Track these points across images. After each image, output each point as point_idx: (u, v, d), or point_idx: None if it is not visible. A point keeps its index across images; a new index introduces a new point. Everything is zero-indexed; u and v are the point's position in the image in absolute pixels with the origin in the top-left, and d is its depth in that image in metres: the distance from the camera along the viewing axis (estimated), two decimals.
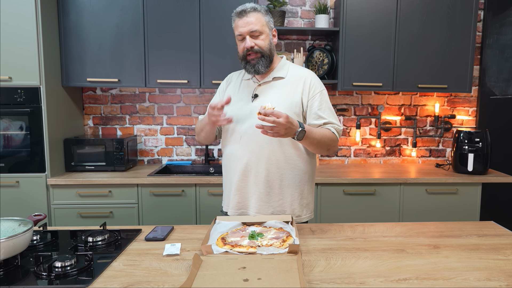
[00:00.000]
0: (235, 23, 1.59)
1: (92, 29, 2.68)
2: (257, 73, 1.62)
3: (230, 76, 1.79)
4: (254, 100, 1.62)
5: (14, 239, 1.16)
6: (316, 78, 1.67)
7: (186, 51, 2.73)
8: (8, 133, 2.53)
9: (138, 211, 2.61)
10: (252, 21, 1.55)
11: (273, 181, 1.61)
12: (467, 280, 1.13)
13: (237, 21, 1.57)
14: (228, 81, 1.77)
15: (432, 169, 2.99)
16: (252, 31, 1.56)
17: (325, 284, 1.10)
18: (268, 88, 1.64)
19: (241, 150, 1.61)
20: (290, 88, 1.62)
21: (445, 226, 1.60)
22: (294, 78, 1.65)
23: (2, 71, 2.46)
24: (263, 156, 1.59)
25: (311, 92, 1.62)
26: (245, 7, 1.57)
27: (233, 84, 1.74)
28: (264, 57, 1.58)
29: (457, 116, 3.25)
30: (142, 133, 3.15)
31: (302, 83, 1.63)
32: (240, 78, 1.73)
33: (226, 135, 1.69)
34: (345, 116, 3.21)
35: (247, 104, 1.63)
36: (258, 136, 1.52)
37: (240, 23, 1.56)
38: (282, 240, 1.36)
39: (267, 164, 1.60)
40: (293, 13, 3.09)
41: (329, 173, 2.79)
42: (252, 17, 1.55)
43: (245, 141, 1.60)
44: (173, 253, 1.30)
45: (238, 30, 1.57)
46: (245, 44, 1.57)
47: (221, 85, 1.79)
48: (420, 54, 2.82)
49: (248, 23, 1.55)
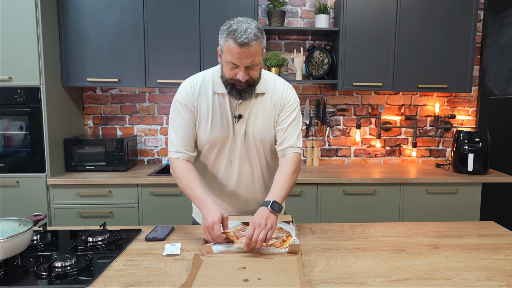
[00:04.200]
0: (230, 48, 1.32)
1: (92, 29, 2.68)
2: (241, 99, 1.45)
3: (194, 85, 1.50)
4: (239, 122, 1.49)
5: (14, 239, 1.16)
6: (291, 93, 1.55)
7: (186, 51, 2.73)
8: (8, 133, 2.53)
9: (138, 211, 2.61)
10: (252, 53, 1.33)
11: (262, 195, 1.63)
12: (467, 280, 1.13)
13: (234, 48, 1.31)
14: (193, 93, 1.49)
15: (432, 169, 2.99)
16: (252, 65, 1.36)
17: (325, 284, 1.10)
18: (250, 107, 1.49)
19: (233, 175, 1.55)
20: (271, 107, 1.51)
21: (445, 226, 1.60)
22: (273, 94, 1.52)
23: (2, 71, 2.46)
24: (256, 177, 1.58)
25: (285, 110, 1.52)
26: (248, 37, 1.30)
27: (203, 97, 1.49)
28: (253, 86, 1.43)
29: (457, 116, 3.25)
30: (142, 133, 3.15)
31: (280, 100, 1.52)
32: (210, 90, 1.48)
33: (208, 156, 1.55)
34: (345, 116, 3.21)
35: (231, 125, 1.49)
36: (247, 158, 1.53)
37: (238, 53, 1.31)
38: (282, 240, 1.36)
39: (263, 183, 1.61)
40: (293, 13, 3.09)
41: (329, 173, 2.79)
42: (253, 48, 1.33)
43: (237, 165, 1.54)
44: (173, 253, 1.30)
45: (234, 60, 1.33)
46: (238, 75, 1.36)
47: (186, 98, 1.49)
48: (420, 54, 2.82)
49: (248, 56, 1.33)
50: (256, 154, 1.54)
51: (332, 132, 3.22)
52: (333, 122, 3.21)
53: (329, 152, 3.23)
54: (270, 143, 1.54)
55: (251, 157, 1.54)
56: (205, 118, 1.48)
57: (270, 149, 1.56)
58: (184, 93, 1.50)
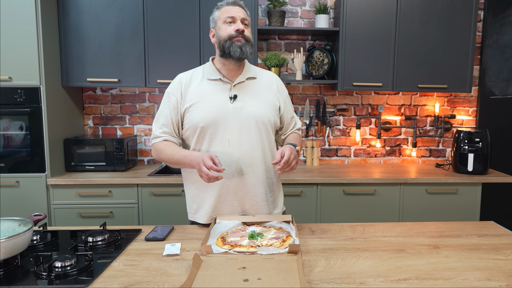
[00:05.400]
0: (225, 9, 1.55)
1: (92, 29, 2.68)
2: (242, 56, 1.53)
3: (184, 77, 1.61)
4: (234, 101, 1.56)
5: (14, 239, 1.16)
6: (280, 80, 1.72)
7: (186, 51, 2.73)
8: (8, 133, 2.53)
9: (138, 211, 2.61)
10: (243, 10, 1.57)
11: (272, 177, 1.65)
12: (467, 280, 1.13)
13: (228, 7, 1.55)
14: (185, 83, 1.59)
15: (432, 169, 2.99)
16: (244, 19, 1.55)
17: (325, 284, 1.10)
18: (245, 89, 1.59)
19: (233, 153, 1.54)
20: (266, 90, 1.63)
21: (445, 226, 1.60)
22: (263, 79, 1.65)
23: (2, 71, 2.46)
24: (257, 154, 1.58)
25: (282, 97, 1.68)
26: (236, 1, 1.58)
27: (195, 85, 1.58)
28: (249, 44, 1.55)
29: (457, 116, 3.25)
30: (142, 133, 3.15)
31: (273, 85, 1.66)
32: (202, 78, 1.60)
33: (201, 142, 1.56)
34: (345, 116, 3.21)
35: (226, 105, 1.55)
36: (246, 136, 1.55)
37: (232, 9, 1.54)
38: (282, 240, 1.36)
39: (264, 160, 1.61)
40: (293, 13, 3.09)
41: (329, 173, 2.79)
42: (242, 7, 1.58)
43: (235, 144, 1.55)
44: (173, 253, 1.30)
45: (230, 13, 1.53)
46: (235, 26, 1.52)
47: (174, 88, 1.59)
48: (420, 54, 2.82)
49: (240, 11, 1.55)
50: (254, 133, 1.56)
51: (332, 132, 3.22)
52: (333, 122, 3.21)
53: (329, 152, 3.23)
54: (267, 122, 1.59)
55: (251, 136, 1.56)
56: (197, 101, 1.55)
57: (265, 128, 1.60)
58: (173, 84, 1.62)
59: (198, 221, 1.64)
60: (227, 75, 1.59)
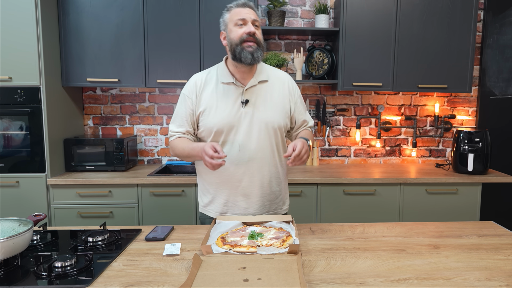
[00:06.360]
0: (235, 11, 1.55)
1: (92, 29, 2.68)
2: (254, 61, 1.54)
3: (199, 79, 1.63)
4: (246, 106, 1.58)
5: (14, 239, 1.16)
6: (292, 80, 1.73)
7: (186, 51, 2.73)
8: (8, 133, 2.53)
9: (138, 211, 2.61)
10: (253, 11, 1.56)
11: (280, 177, 1.70)
12: (467, 280, 1.13)
13: (238, 9, 1.55)
14: (200, 85, 1.62)
15: (432, 169, 2.99)
16: (255, 20, 1.55)
17: (325, 284, 1.10)
18: (256, 93, 1.60)
19: (243, 157, 1.58)
20: (277, 93, 1.64)
21: (445, 226, 1.60)
22: (275, 81, 1.66)
23: (2, 71, 2.46)
24: (266, 157, 1.62)
25: (293, 98, 1.69)
26: (246, 2, 1.57)
27: (210, 89, 1.60)
28: (260, 48, 1.55)
29: (457, 116, 3.25)
30: (142, 133, 3.15)
31: (285, 87, 1.67)
32: (216, 81, 1.61)
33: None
34: (345, 116, 3.21)
35: (238, 110, 1.57)
36: (254, 143, 1.58)
37: (243, 11, 1.54)
38: (282, 240, 1.36)
39: (273, 162, 1.65)
40: (293, 13, 3.09)
41: (329, 173, 2.79)
42: (252, 8, 1.57)
43: (244, 149, 1.58)
44: (173, 253, 1.30)
45: (241, 15, 1.53)
46: (247, 28, 1.52)
47: (189, 90, 1.62)
48: (420, 54, 2.82)
49: (250, 12, 1.55)
50: (264, 138, 1.59)
51: (332, 132, 3.22)
52: (333, 122, 3.21)
53: (329, 152, 3.23)
54: (277, 127, 1.61)
55: (261, 140, 1.59)
56: (211, 105, 1.58)
57: (275, 132, 1.62)
58: (188, 86, 1.64)
59: (209, 214, 1.70)
60: (240, 78, 1.61)
